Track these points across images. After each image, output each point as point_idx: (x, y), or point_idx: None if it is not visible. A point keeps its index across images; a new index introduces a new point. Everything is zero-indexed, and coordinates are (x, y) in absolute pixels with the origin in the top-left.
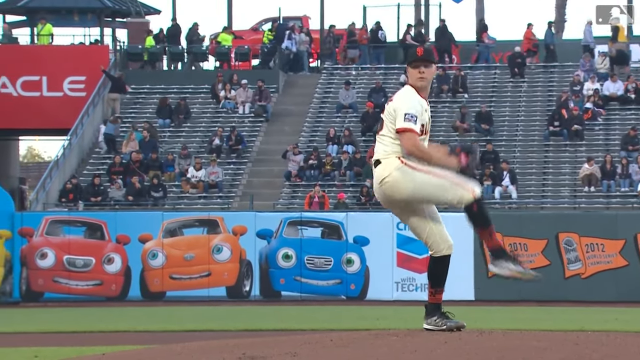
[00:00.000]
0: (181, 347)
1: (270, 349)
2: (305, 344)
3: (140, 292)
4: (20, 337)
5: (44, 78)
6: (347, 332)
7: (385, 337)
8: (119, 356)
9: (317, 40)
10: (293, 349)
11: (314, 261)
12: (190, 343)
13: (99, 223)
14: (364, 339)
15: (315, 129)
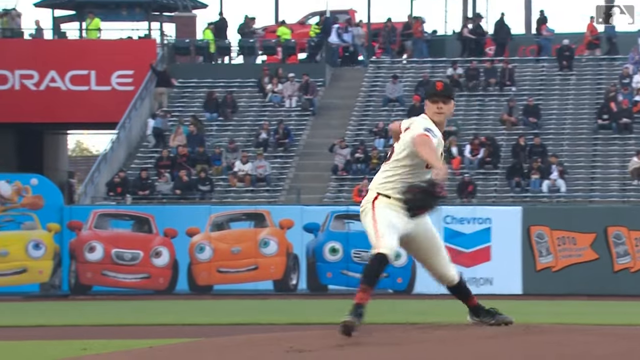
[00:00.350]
0: (228, 340)
1: (317, 342)
2: (352, 338)
3: (188, 286)
4: (69, 329)
5: (92, 72)
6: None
7: (432, 331)
8: (166, 349)
9: (366, 34)
10: (339, 342)
11: (361, 255)
12: (237, 336)
13: (146, 217)
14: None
15: (361, 122)
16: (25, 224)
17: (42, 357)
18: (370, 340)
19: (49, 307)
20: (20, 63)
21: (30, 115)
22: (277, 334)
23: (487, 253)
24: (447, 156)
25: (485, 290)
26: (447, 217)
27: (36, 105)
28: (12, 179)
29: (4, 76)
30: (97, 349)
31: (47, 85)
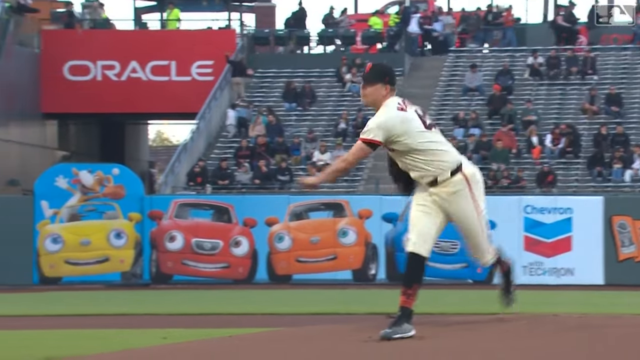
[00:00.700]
0: (307, 330)
1: None
2: (432, 327)
3: (267, 275)
4: (149, 318)
5: (172, 63)
6: (473, 315)
7: (512, 321)
8: (246, 339)
9: None
10: (419, 331)
11: (440, 245)
12: (316, 326)
13: (226, 206)
14: (491, 323)
15: (441, 112)
16: (107, 213)
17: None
18: (449, 331)
19: (130, 296)
20: (102, 54)
21: (112, 105)
22: (355, 324)
23: (568, 243)
24: (528, 145)
25: (566, 281)
26: (528, 206)
27: (117, 96)
28: (94, 169)
29: (86, 67)
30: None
31: (129, 76)
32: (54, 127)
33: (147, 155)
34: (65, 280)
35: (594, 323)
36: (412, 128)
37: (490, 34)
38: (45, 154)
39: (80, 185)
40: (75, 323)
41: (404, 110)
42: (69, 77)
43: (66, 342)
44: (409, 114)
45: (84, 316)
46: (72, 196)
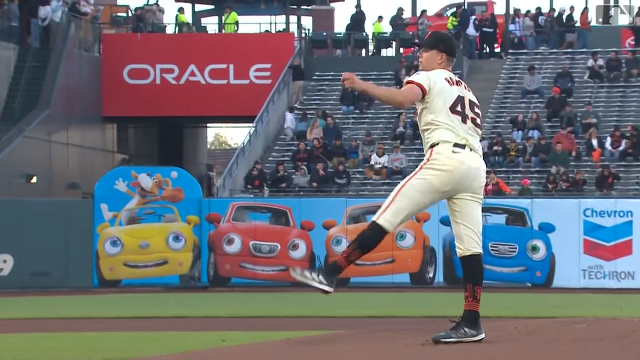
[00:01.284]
0: (364, 332)
1: None
2: (490, 331)
3: None
4: (208, 321)
5: (230, 66)
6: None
7: (571, 325)
8: (303, 341)
9: (502, 25)
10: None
11: (498, 248)
12: (373, 329)
13: (283, 209)
14: (550, 327)
15: (499, 114)
16: (166, 216)
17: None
18: (507, 335)
19: (189, 298)
20: (161, 57)
21: (171, 109)
22: (413, 326)
23: (628, 247)
24: (588, 148)
25: (626, 285)
26: (587, 210)
27: (176, 99)
28: (153, 172)
29: (145, 70)
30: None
31: (187, 79)
32: (114, 130)
33: (205, 158)
34: (124, 282)
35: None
36: (439, 102)
37: (562, 36)
38: (105, 157)
39: (139, 189)
40: (134, 325)
41: (449, 83)
42: (129, 80)
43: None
44: (449, 89)
45: (142, 319)
46: (131, 199)
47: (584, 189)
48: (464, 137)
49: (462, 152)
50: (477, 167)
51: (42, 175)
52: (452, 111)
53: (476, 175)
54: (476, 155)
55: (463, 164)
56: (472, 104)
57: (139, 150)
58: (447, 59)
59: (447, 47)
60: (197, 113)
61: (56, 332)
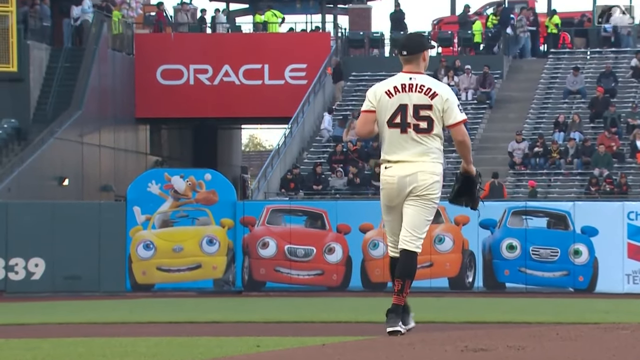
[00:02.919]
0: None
1: (494, 341)
2: (531, 337)
3: (362, 283)
4: (243, 326)
5: (265, 66)
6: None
7: (615, 331)
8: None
9: (543, 24)
10: (518, 342)
11: (539, 252)
12: (412, 335)
13: (319, 212)
14: (592, 333)
15: (540, 115)
16: (199, 219)
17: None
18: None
19: (223, 303)
20: (195, 57)
21: (205, 110)
22: (452, 333)
23: None
24: (632, 149)
25: None
26: (631, 213)
27: (210, 100)
28: (187, 174)
29: (179, 71)
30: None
31: (221, 80)
32: (146, 132)
33: (240, 160)
34: (157, 287)
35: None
36: (380, 118)
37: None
38: (138, 159)
39: (172, 191)
40: (168, 330)
41: (389, 95)
42: (162, 81)
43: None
44: (387, 102)
45: (176, 323)
46: (165, 202)
47: (628, 192)
48: (396, 152)
49: (393, 166)
50: (410, 173)
51: (74, 178)
52: (389, 125)
53: (411, 181)
54: (409, 164)
55: (392, 177)
56: (417, 107)
57: (172, 152)
58: (402, 60)
59: (398, 47)
60: (231, 114)
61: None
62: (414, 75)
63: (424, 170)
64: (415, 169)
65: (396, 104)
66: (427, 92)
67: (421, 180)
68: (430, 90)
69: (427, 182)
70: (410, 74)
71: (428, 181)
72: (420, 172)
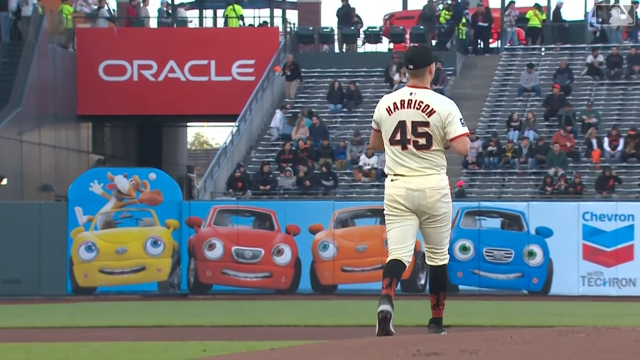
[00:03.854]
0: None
1: (447, 345)
2: (484, 341)
3: (311, 285)
4: (189, 330)
5: (212, 62)
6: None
7: (570, 335)
8: (288, 351)
9: (498, 20)
10: (470, 345)
11: (493, 253)
12: (363, 338)
13: (268, 213)
14: (547, 336)
15: (494, 113)
16: (144, 220)
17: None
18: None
19: (168, 306)
20: (139, 53)
21: (149, 107)
22: (404, 336)
23: (630, 252)
24: (588, 148)
25: (628, 292)
26: (586, 213)
27: (155, 97)
28: (130, 174)
29: (122, 67)
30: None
31: (166, 76)
32: (89, 129)
33: (186, 159)
34: (100, 290)
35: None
36: (383, 135)
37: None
38: (80, 158)
39: (115, 191)
40: (110, 335)
41: (389, 111)
42: (104, 77)
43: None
44: (388, 119)
45: (119, 328)
46: (107, 202)
47: (583, 192)
48: (400, 168)
49: (400, 179)
50: (418, 189)
51: (13, 177)
52: (391, 142)
53: (420, 198)
54: (414, 177)
55: (400, 189)
56: (415, 124)
57: (115, 151)
58: (409, 73)
59: (404, 60)
60: (176, 111)
61: (28, 342)
62: (416, 90)
63: (431, 187)
64: (423, 185)
65: (395, 121)
66: (424, 109)
67: (430, 200)
68: (428, 107)
69: (435, 198)
70: (412, 89)
71: (435, 197)
72: (428, 188)
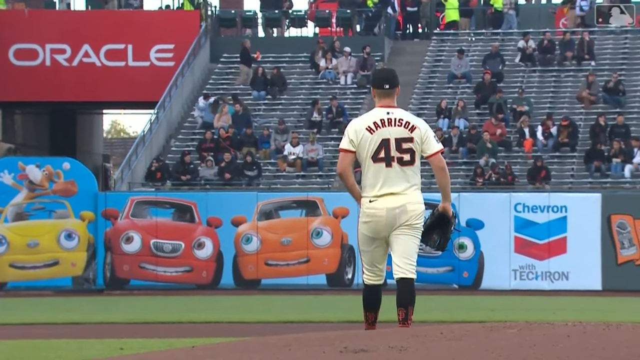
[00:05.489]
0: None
1: (375, 342)
2: (413, 337)
3: (233, 280)
4: (104, 327)
5: (129, 46)
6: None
7: (501, 330)
8: (210, 349)
9: None
10: (399, 342)
11: (423, 247)
12: (287, 335)
13: (188, 204)
14: (478, 332)
15: (424, 101)
16: (57, 212)
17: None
18: (433, 341)
19: (83, 302)
20: (52, 36)
21: (63, 93)
22: (330, 333)
23: (562, 245)
24: (519, 137)
25: (560, 286)
26: (518, 204)
27: (69, 83)
28: (43, 163)
29: (34, 51)
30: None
31: (81, 61)
32: None
33: (102, 148)
34: (10, 285)
35: (591, 331)
36: (362, 153)
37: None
38: None
39: (27, 181)
40: (22, 333)
41: (370, 131)
42: (15, 62)
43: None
44: (369, 138)
45: (32, 325)
46: (19, 193)
47: (515, 182)
48: (383, 187)
49: (379, 200)
50: (399, 206)
51: None
52: (374, 160)
53: (401, 212)
54: (396, 196)
55: (380, 210)
56: (399, 141)
57: (27, 139)
58: (378, 94)
59: (373, 80)
60: (92, 98)
61: None
62: (391, 110)
63: (411, 202)
64: (403, 201)
65: (379, 139)
66: (406, 125)
67: (411, 211)
68: (409, 123)
69: (417, 212)
70: (387, 109)
71: (417, 211)
72: (408, 203)
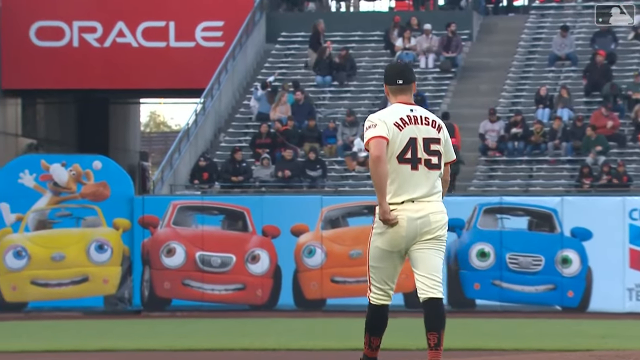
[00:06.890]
0: None
1: None
2: None
3: (294, 300)
4: (142, 355)
5: (171, 24)
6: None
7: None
8: None
9: None
10: None
11: (518, 260)
12: None
13: (240, 210)
14: None
15: (519, 87)
16: (86, 219)
17: None
18: None
19: (116, 326)
20: (80, 12)
21: (92, 80)
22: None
23: None
24: (635, 130)
25: None
26: (634, 210)
27: (100, 67)
28: (69, 162)
29: (59, 29)
30: None
31: (114, 41)
32: (17, 107)
33: (139, 144)
34: (32, 305)
35: None
36: (389, 152)
37: None
38: (6, 143)
39: (51, 183)
40: None
41: (399, 127)
42: (37, 42)
43: None
44: (398, 135)
45: (57, 352)
46: (41, 197)
47: (629, 184)
48: (406, 193)
49: (399, 208)
50: (421, 216)
51: None
52: (399, 161)
53: (423, 224)
54: (418, 204)
55: (401, 220)
56: (427, 141)
57: (50, 134)
58: (391, 90)
59: (385, 76)
60: (127, 85)
61: None
62: (413, 107)
63: (435, 211)
64: (426, 211)
65: (407, 137)
66: (433, 124)
67: (434, 222)
68: (435, 122)
69: (441, 222)
70: (409, 105)
71: (442, 221)
72: (431, 213)
